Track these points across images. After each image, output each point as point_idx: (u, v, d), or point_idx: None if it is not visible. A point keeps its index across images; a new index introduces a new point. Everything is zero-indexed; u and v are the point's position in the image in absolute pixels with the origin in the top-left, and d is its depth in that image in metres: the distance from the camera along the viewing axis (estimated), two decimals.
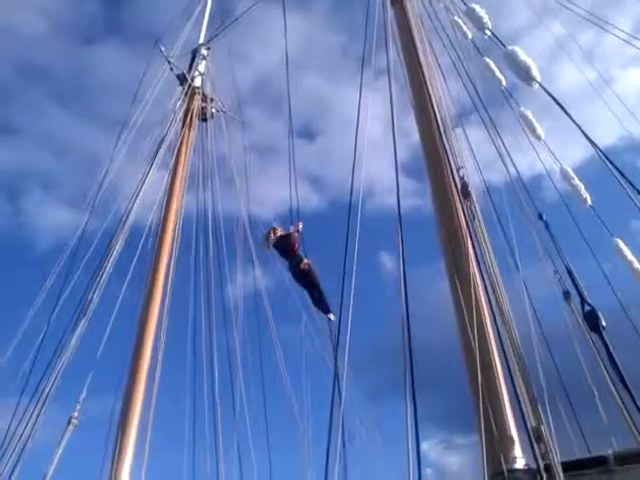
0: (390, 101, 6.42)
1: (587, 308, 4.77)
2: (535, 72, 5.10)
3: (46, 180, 30.77)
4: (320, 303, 7.84)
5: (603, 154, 5.02)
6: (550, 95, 5.22)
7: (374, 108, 6.70)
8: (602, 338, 4.45)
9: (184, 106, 11.67)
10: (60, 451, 7.56)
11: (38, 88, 32.34)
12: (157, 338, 9.42)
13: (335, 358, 4.75)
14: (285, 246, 8.02)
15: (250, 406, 9.43)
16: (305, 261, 7.87)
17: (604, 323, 4.55)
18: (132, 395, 8.79)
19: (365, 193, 5.61)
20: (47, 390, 7.55)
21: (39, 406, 7.45)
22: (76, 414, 7.94)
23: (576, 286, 4.95)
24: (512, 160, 6.36)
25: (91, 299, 8.35)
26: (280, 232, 8.20)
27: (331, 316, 7.58)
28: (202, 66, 12.63)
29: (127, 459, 8.23)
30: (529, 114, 6.41)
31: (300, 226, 8.17)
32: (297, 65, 10.16)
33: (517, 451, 3.99)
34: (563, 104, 5.09)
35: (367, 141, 6.08)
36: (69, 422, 7.86)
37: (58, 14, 30.62)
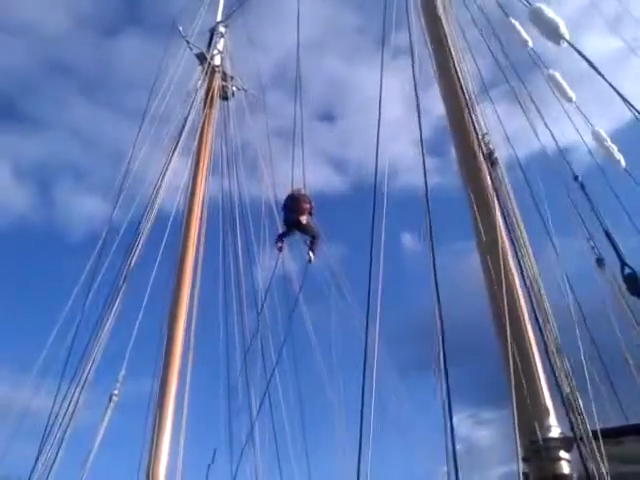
0: (413, 75, 6.26)
1: (627, 271, 4.61)
2: (563, 29, 4.87)
3: (76, 171, 31.47)
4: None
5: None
6: (580, 54, 4.98)
7: (393, 88, 6.58)
8: None
9: (205, 85, 11.62)
10: (104, 427, 7.81)
11: (64, 82, 33.01)
12: (189, 321, 9.61)
13: (366, 333, 4.74)
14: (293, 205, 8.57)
15: (283, 384, 9.54)
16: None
17: None
18: (168, 376, 9.02)
19: (385, 172, 5.53)
20: (86, 372, 7.79)
21: (79, 388, 7.69)
22: (116, 391, 8.20)
23: (615, 248, 4.78)
24: (545, 124, 6.18)
25: (123, 283, 8.52)
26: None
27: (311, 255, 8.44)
28: (221, 44, 12.52)
29: (165, 439, 8.49)
30: (558, 75, 6.18)
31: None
32: (315, 47, 10.07)
33: (552, 420, 3.91)
34: (588, 74, 4.88)
35: (388, 121, 5.99)
36: (110, 399, 8.12)
37: (80, 9, 30.99)
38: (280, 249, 8.83)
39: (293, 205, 8.69)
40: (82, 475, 7.31)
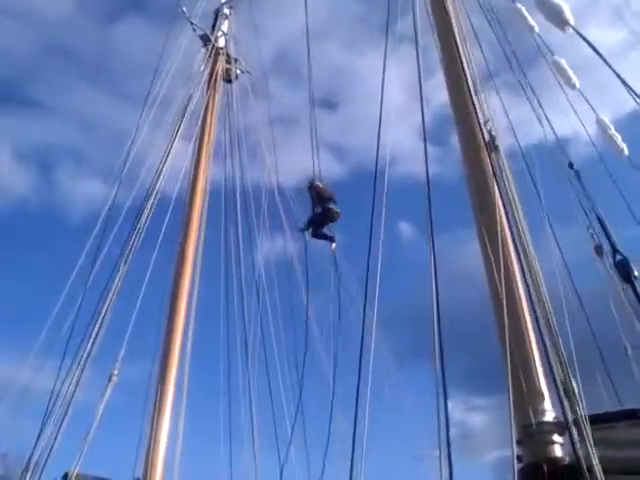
0: (417, 62, 6.22)
1: (619, 257, 4.63)
2: (568, 14, 4.83)
3: (77, 154, 31.66)
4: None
5: None
6: (585, 40, 4.94)
7: (395, 76, 6.55)
8: (634, 289, 4.33)
9: (209, 67, 11.55)
10: (103, 405, 7.90)
11: (65, 67, 33.10)
12: (190, 304, 9.68)
13: (364, 317, 4.77)
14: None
15: (283, 368, 9.61)
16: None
17: (636, 273, 4.41)
18: (168, 359, 9.11)
19: (385, 160, 5.54)
20: (87, 351, 7.86)
21: (80, 366, 7.76)
22: (116, 371, 8.26)
23: (607, 235, 4.80)
24: (544, 113, 6.15)
25: (124, 265, 8.56)
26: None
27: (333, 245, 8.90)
28: (225, 26, 12.44)
29: (166, 418, 8.60)
30: (563, 62, 6.14)
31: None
32: (317, 35, 10.02)
33: (547, 404, 3.95)
34: (590, 64, 4.85)
35: (389, 109, 5.97)
36: (110, 378, 8.19)
37: None
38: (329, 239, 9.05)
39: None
40: (81, 452, 7.40)
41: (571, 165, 5.75)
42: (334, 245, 9.03)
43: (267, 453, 9.17)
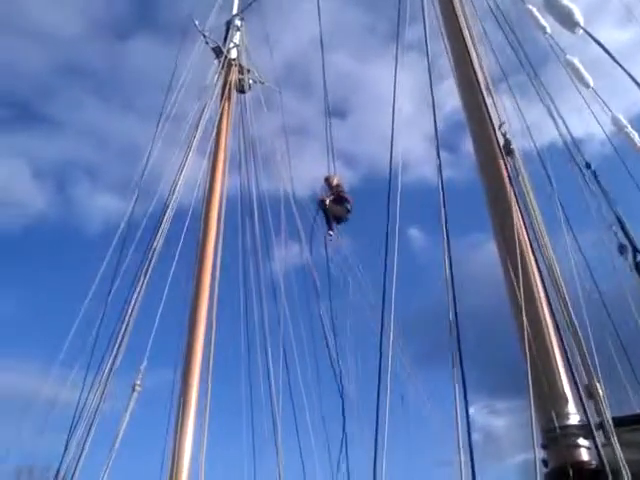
0: (428, 66, 6.25)
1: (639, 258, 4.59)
2: (578, 16, 4.82)
3: (91, 170, 32.29)
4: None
5: None
6: (595, 40, 4.93)
7: (404, 84, 6.60)
8: None
9: (222, 78, 11.68)
10: (127, 416, 7.99)
11: (78, 84, 33.84)
12: (210, 313, 9.76)
13: (382, 323, 4.79)
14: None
15: (304, 373, 9.65)
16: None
17: None
18: (190, 368, 9.19)
19: (398, 167, 5.59)
20: (110, 364, 7.97)
21: (104, 379, 7.88)
22: (139, 382, 8.34)
23: (626, 234, 4.76)
24: (558, 112, 6.13)
25: (144, 278, 8.68)
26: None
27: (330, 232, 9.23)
28: (237, 37, 12.58)
29: (189, 428, 8.67)
30: (576, 61, 6.11)
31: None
32: (325, 45, 10.07)
33: (570, 407, 3.93)
34: (603, 63, 4.83)
35: (399, 116, 6.02)
36: (133, 389, 8.28)
37: (92, 13, 31.49)
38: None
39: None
40: (108, 463, 7.50)
41: (588, 165, 5.71)
42: (331, 234, 9.27)
43: (290, 460, 9.23)
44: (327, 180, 9.61)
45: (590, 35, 4.75)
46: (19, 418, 8.85)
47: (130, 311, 8.40)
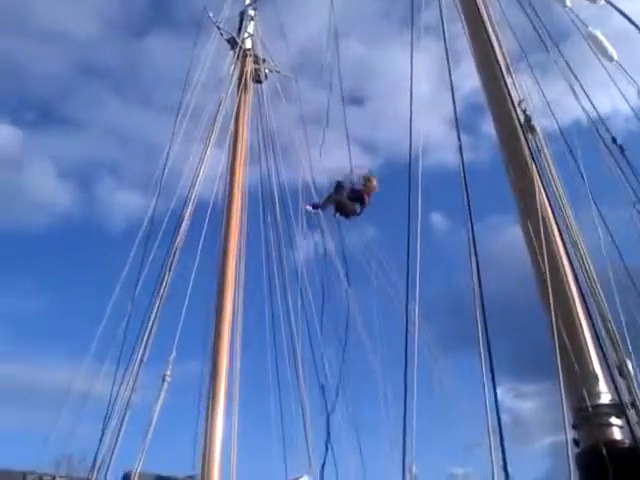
0: (445, 48, 6.15)
1: None
2: None
3: (114, 168, 32.79)
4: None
5: None
6: (618, 10, 4.81)
7: (420, 68, 6.51)
8: None
9: (238, 69, 11.68)
10: (159, 406, 8.17)
11: (97, 83, 34.39)
12: (235, 303, 9.89)
13: (406, 308, 4.79)
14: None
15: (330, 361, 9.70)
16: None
17: None
18: (218, 358, 9.35)
19: (418, 152, 5.53)
20: (139, 356, 8.14)
21: (135, 371, 8.06)
22: (169, 372, 8.50)
23: None
24: (582, 87, 5.98)
25: (169, 272, 8.81)
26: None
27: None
28: (251, 27, 12.55)
29: (219, 415, 8.83)
30: (598, 34, 5.94)
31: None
32: (339, 32, 9.96)
33: (602, 386, 3.87)
34: (625, 36, 4.68)
35: (418, 100, 5.95)
36: (163, 380, 8.45)
37: (107, 13, 31.81)
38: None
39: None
40: (142, 451, 7.68)
41: (614, 140, 5.55)
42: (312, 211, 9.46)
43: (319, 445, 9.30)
44: (366, 177, 9.23)
45: (612, 4, 4.62)
46: (56, 410, 9.12)
47: (157, 304, 8.54)
